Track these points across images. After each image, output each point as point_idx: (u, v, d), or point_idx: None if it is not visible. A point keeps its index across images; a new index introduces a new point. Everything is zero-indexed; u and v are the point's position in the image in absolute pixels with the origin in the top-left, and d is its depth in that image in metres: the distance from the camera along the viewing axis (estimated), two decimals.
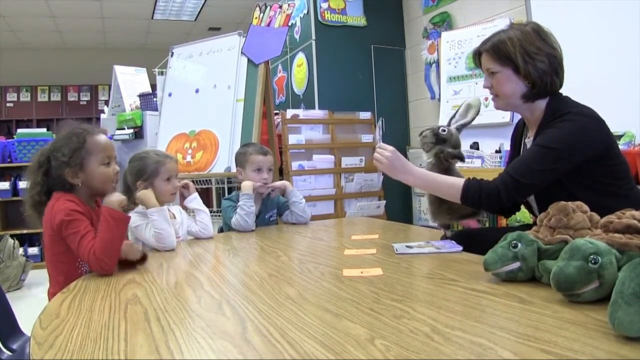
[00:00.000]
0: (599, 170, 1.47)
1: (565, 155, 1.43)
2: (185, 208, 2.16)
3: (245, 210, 2.12)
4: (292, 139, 3.92)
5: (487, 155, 3.55)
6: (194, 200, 2.08)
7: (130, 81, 5.09)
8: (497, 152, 3.51)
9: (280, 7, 3.62)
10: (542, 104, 1.57)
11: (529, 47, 1.50)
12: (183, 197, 2.13)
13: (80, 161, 1.52)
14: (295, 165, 3.89)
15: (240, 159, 2.31)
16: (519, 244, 1.07)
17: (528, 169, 1.45)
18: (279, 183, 2.33)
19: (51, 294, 1.48)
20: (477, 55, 1.65)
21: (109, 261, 1.41)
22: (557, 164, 1.43)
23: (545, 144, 1.46)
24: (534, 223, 1.22)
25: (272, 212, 2.34)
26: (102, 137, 1.59)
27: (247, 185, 2.19)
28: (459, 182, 1.51)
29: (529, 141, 1.65)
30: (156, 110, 4.36)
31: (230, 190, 3.54)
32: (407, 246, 1.54)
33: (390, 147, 1.63)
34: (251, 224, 2.13)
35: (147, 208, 1.80)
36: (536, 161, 1.45)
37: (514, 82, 1.54)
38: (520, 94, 1.55)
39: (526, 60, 1.50)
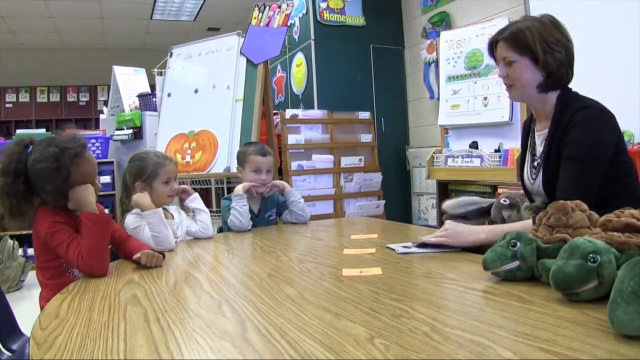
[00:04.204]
0: (609, 168, 1.47)
1: (597, 154, 1.44)
2: (184, 208, 2.16)
3: (239, 210, 2.12)
4: (292, 138, 3.92)
5: (486, 155, 3.55)
6: (195, 200, 2.08)
7: (129, 81, 5.08)
8: (496, 151, 3.51)
9: (279, 7, 3.62)
10: (553, 96, 1.57)
11: (547, 36, 1.50)
12: (182, 200, 2.14)
13: (63, 193, 1.48)
14: (294, 165, 3.89)
15: (241, 158, 2.32)
16: (518, 243, 1.07)
17: (576, 186, 1.43)
18: (276, 182, 2.33)
19: (43, 298, 1.48)
20: (492, 44, 1.64)
21: (99, 265, 1.41)
22: (597, 166, 1.44)
23: (575, 154, 1.45)
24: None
25: (272, 211, 2.34)
26: (87, 167, 1.52)
27: (238, 188, 2.20)
28: (528, 223, 1.43)
29: (538, 134, 1.66)
30: (155, 110, 4.36)
31: (229, 190, 3.54)
32: (404, 246, 1.53)
33: (445, 226, 1.53)
34: (245, 223, 2.13)
35: (142, 211, 1.80)
36: (578, 174, 1.44)
37: (531, 71, 1.53)
38: (536, 84, 1.55)
39: (545, 49, 1.50)
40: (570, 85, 1.59)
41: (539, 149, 1.64)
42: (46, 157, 1.45)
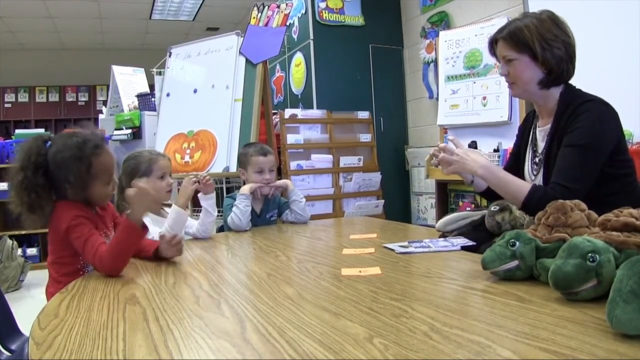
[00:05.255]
0: (610, 165, 1.48)
1: (598, 146, 1.45)
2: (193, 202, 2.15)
3: (240, 209, 2.12)
4: (291, 138, 3.92)
5: (485, 155, 3.55)
6: (209, 201, 2.04)
7: (128, 81, 5.08)
8: (495, 151, 3.51)
9: (278, 6, 3.62)
10: (555, 92, 1.58)
11: (546, 33, 1.51)
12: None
13: (84, 184, 1.50)
14: (293, 165, 3.89)
15: (242, 160, 2.32)
16: (517, 243, 1.07)
17: (573, 173, 1.44)
18: (280, 182, 2.33)
19: (50, 293, 1.49)
20: (492, 43, 1.65)
21: (118, 267, 1.40)
22: (595, 157, 1.45)
23: (575, 142, 1.46)
24: None
25: (273, 212, 2.34)
26: (106, 157, 1.56)
27: (245, 188, 2.19)
28: (527, 185, 1.49)
29: (539, 130, 1.66)
30: (154, 110, 4.36)
31: (229, 190, 3.54)
32: (401, 246, 1.53)
33: (457, 151, 1.61)
34: (245, 223, 2.13)
35: (177, 203, 1.83)
36: (576, 163, 1.45)
37: (531, 68, 1.54)
38: (537, 81, 1.56)
39: (544, 46, 1.50)
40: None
41: (541, 144, 1.64)
42: (69, 146, 1.49)
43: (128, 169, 1.96)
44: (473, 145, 3.69)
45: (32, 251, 4.61)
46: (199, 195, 2.06)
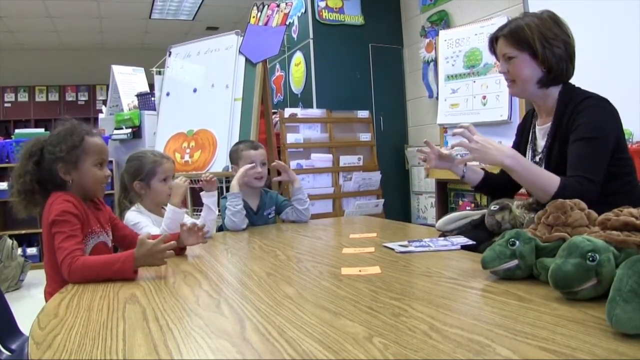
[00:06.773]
0: (610, 163, 1.48)
1: (604, 138, 1.46)
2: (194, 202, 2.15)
3: (232, 210, 2.10)
4: (290, 137, 3.92)
5: None
6: (211, 199, 2.03)
7: (128, 81, 5.08)
8: None
9: (278, 6, 3.61)
10: (554, 92, 1.58)
11: (546, 32, 1.52)
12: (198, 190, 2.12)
13: (75, 159, 1.52)
14: (293, 164, 3.89)
15: (234, 157, 2.33)
16: (517, 242, 1.07)
17: (591, 165, 1.43)
18: (287, 169, 2.32)
19: (48, 293, 1.48)
20: (493, 41, 1.65)
21: (79, 279, 1.33)
22: (604, 148, 1.46)
23: (583, 136, 1.46)
24: None
25: (271, 209, 2.34)
26: (98, 140, 1.60)
27: (233, 185, 2.18)
28: (557, 178, 1.44)
29: (539, 129, 1.67)
30: (154, 109, 4.36)
31: (228, 189, 3.54)
32: (401, 245, 1.53)
33: (475, 137, 1.53)
34: (239, 223, 2.11)
35: (172, 202, 1.84)
36: (590, 155, 1.45)
37: (531, 67, 1.55)
38: (536, 79, 1.56)
39: (544, 45, 1.51)
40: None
41: (541, 143, 1.64)
42: (64, 124, 1.56)
43: (131, 169, 1.96)
44: None
45: (32, 251, 4.61)
46: (202, 193, 2.06)
